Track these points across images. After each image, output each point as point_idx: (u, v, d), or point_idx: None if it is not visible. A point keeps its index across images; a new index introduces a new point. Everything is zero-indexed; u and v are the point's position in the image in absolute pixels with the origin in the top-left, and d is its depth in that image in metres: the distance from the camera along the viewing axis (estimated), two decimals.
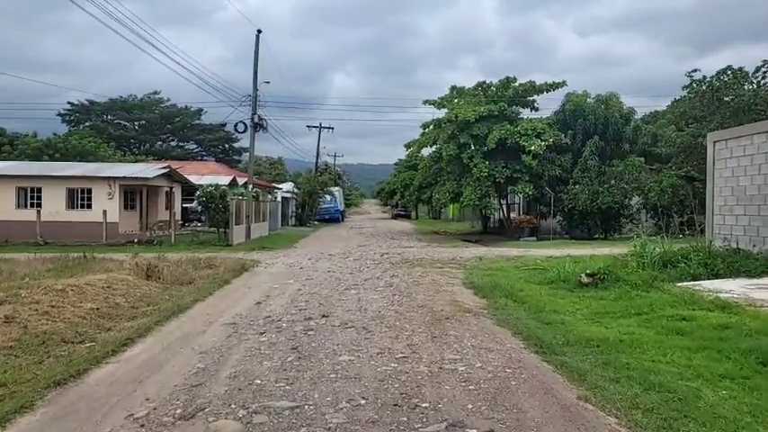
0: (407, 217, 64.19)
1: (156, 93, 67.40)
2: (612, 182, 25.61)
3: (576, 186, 26.03)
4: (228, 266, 14.72)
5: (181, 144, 69.72)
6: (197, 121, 68.09)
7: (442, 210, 55.47)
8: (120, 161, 41.32)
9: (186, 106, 66.93)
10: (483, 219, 36.98)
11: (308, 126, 56.23)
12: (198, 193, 25.37)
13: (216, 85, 77.47)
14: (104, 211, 25.25)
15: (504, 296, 9.87)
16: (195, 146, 70.54)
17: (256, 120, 25.06)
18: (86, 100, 63.69)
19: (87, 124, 63.64)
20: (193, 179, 32.13)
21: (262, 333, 7.46)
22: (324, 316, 8.50)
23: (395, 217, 66.80)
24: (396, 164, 73.75)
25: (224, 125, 30.60)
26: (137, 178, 27.16)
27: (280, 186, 45.43)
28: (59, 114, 62.77)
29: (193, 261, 15.23)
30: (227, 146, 69.57)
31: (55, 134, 48.71)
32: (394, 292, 10.86)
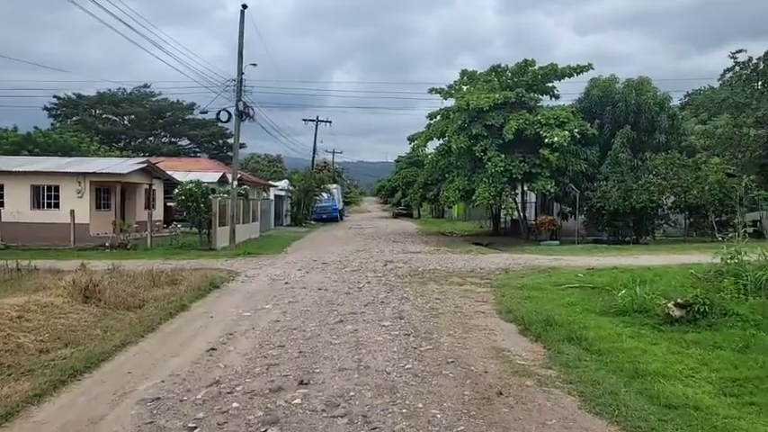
0: (409, 216, 61.00)
1: (146, 86, 63.98)
2: (647, 178, 22.38)
3: (606, 182, 22.84)
4: (194, 283, 11.64)
5: (173, 140, 66.39)
6: (190, 116, 64.80)
7: (448, 208, 52.27)
8: (105, 157, 38.13)
9: (178, 100, 63.70)
10: (494, 219, 33.90)
11: (305, 120, 53.40)
12: (176, 191, 22.37)
13: (212, 77, 74.66)
14: (72, 211, 22.29)
15: (568, 339, 6.77)
16: (188, 142, 67.26)
17: (241, 107, 21.87)
18: (73, 93, 60.33)
19: (74, 119, 60.38)
20: (182, 176, 29.05)
21: (192, 429, 4.40)
22: (302, 383, 5.41)
23: (396, 216, 63.58)
24: (396, 161, 70.41)
25: (206, 112, 27.54)
26: (110, 174, 24.17)
27: (276, 184, 42.46)
28: (45, 108, 59.46)
29: (153, 275, 12.15)
30: (221, 142, 66.31)
31: (36, 128, 45.65)
32: (406, 329, 7.77)
